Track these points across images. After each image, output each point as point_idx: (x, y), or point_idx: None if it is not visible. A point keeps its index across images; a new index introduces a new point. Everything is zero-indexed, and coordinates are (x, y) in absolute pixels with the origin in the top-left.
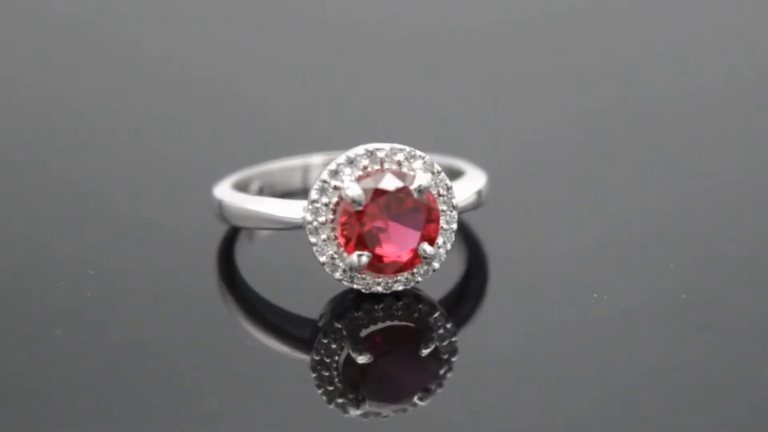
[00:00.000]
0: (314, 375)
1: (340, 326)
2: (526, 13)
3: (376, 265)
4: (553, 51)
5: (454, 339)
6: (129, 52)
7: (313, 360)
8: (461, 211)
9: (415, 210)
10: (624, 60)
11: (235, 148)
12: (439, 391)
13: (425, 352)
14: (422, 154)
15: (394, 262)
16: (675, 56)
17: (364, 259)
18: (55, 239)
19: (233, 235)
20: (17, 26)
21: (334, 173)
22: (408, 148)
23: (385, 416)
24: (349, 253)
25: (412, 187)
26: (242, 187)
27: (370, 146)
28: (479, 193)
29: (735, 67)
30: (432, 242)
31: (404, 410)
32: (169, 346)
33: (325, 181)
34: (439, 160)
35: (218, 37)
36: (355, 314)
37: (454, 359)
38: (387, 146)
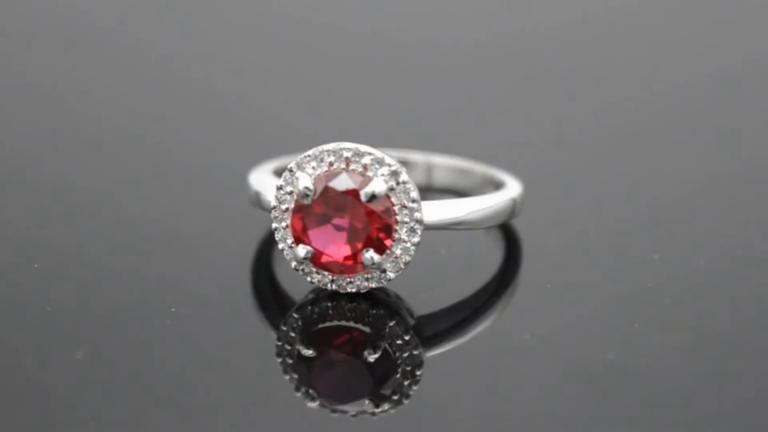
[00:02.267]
0: (279, 360)
1: (297, 316)
2: (539, 19)
3: (320, 262)
4: (563, 53)
5: (416, 351)
6: (152, 58)
7: (277, 346)
8: (495, 223)
9: (361, 214)
10: (639, 61)
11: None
12: (403, 401)
13: (371, 358)
14: (393, 162)
15: (334, 262)
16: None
17: (304, 253)
18: (100, 248)
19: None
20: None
21: (300, 164)
22: (379, 155)
23: (353, 415)
24: (297, 244)
25: (362, 192)
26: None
27: (341, 145)
28: (514, 201)
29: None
30: (382, 251)
31: (364, 413)
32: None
33: (291, 170)
34: (481, 170)
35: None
36: (325, 306)
37: (418, 372)
38: (360, 148)
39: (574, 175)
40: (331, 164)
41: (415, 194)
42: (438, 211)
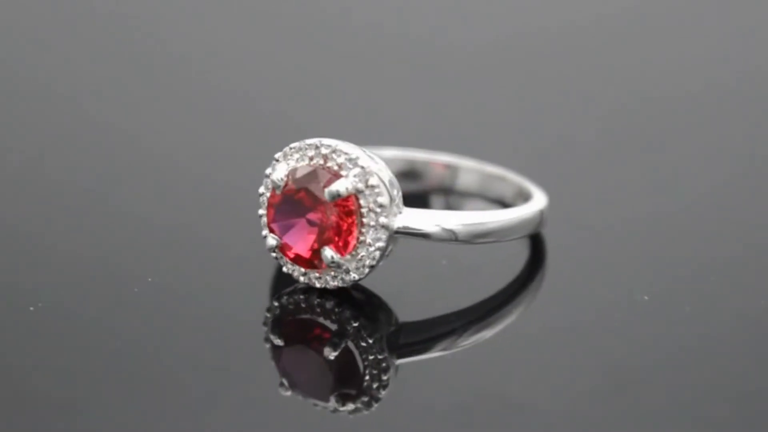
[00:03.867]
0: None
1: (277, 304)
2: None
3: (287, 254)
4: (583, 55)
5: (380, 356)
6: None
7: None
8: (520, 236)
9: (325, 212)
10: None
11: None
12: (373, 403)
13: (331, 355)
14: (367, 164)
15: (297, 255)
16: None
17: (272, 242)
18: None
19: None
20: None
21: (286, 155)
22: (355, 155)
23: (316, 406)
24: (269, 233)
25: (326, 189)
26: None
27: (323, 140)
28: (541, 213)
29: None
30: (342, 250)
31: (329, 409)
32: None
33: (276, 160)
34: (514, 180)
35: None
36: (309, 301)
37: (384, 376)
38: (338, 146)
39: (585, 179)
40: (311, 158)
41: (383, 199)
42: (465, 220)
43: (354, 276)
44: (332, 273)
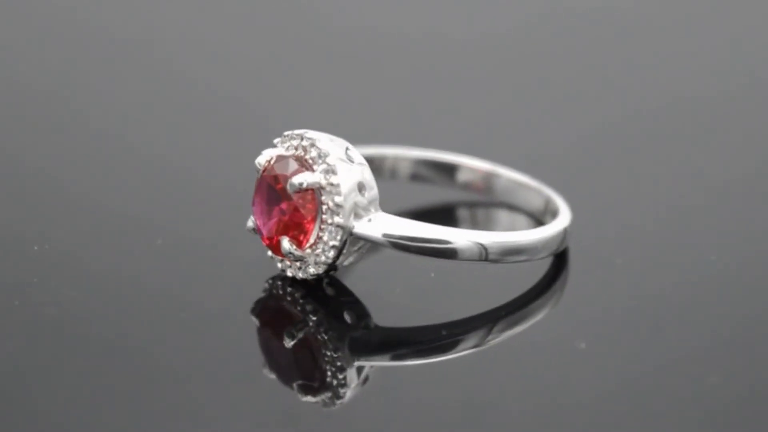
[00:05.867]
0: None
1: (268, 285)
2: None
3: (262, 238)
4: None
5: (338, 354)
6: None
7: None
8: (546, 255)
9: (287, 202)
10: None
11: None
12: (335, 401)
13: (289, 344)
14: (332, 162)
15: (268, 241)
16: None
17: (250, 224)
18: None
19: None
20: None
21: (282, 141)
22: (325, 150)
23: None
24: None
25: (288, 180)
26: None
27: (307, 132)
28: (565, 232)
29: None
30: (299, 242)
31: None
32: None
33: (275, 145)
34: (545, 192)
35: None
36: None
37: (341, 375)
38: (317, 141)
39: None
40: (296, 148)
41: (339, 199)
42: (494, 237)
43: (312, 270)
44: (297, 264)
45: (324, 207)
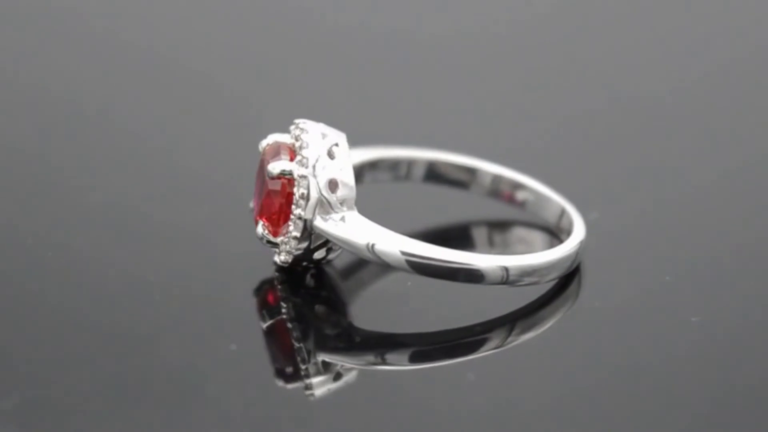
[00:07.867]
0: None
1: (279, 260)
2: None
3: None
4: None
5: (300, 344)
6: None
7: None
8: (559, 276)
9: (266, 188)
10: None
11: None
12: (314, 394)
13: (264, 326)
14: (307, 155)
15: (255, 222)
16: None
17: (251, 205)
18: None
19: None
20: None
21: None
22: (307, 141)
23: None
24: None
25: (268, 165)
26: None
27: (305, 122)
28: (579, 249)
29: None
30: (274, 230)
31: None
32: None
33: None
34: (565, 205)
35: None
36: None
37: (304, 366)
38: (305, 131)
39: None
40: (293, 137)
41: (303, 191)
42: (509, 260)
43: (284, 257)
44: (276, 249)
45: (294, 198)
